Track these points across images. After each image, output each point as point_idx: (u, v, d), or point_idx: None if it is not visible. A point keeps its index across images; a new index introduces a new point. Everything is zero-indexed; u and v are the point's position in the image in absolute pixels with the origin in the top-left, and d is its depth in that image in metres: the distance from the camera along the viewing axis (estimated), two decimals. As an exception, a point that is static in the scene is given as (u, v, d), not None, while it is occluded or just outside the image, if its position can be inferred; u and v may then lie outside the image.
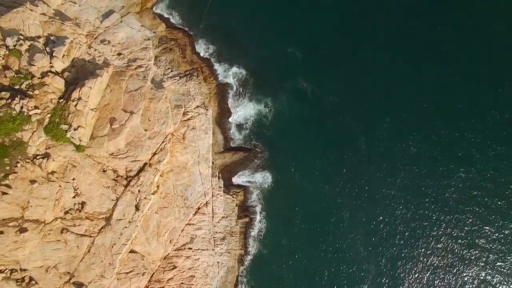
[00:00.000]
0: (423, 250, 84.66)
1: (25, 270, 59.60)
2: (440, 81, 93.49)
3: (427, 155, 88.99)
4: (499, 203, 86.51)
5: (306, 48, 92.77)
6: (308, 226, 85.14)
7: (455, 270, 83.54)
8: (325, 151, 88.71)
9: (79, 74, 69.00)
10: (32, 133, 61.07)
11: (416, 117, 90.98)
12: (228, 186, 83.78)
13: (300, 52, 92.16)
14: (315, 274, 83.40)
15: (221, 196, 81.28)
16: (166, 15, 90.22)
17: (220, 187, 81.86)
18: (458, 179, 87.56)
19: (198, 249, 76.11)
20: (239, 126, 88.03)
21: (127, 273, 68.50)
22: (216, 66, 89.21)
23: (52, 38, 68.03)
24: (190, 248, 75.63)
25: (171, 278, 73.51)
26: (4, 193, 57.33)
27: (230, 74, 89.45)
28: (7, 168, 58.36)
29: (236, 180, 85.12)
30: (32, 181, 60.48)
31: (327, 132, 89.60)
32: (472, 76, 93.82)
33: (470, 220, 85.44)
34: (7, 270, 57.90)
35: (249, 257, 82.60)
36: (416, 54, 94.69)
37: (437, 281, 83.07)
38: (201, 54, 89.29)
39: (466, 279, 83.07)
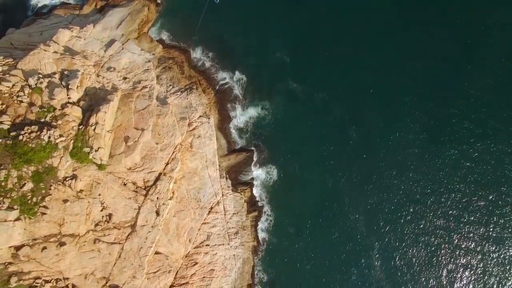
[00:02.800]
0: (421, 227, 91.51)
1: (67, 278, 65.35)
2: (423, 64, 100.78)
3: (417, 137, 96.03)
4: (497, 180, 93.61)
5: (293, 52, 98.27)
6: (312, 213, 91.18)
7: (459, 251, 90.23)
8: (321, 143, 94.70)
9: (92, 101, 74.56)
10: (60, 159, 66.61)
11: (402, 101, 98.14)
12: (236, 185, 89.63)
13: (287, 56, 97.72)
14: (323, 256, 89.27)
15: (230, 194, 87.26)
16: (161, 37, 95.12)
17: (228, 187, 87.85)
18: (451, 159, 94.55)
19: (215, 245, 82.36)
20: (240, 130, 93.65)
21: (154, 272, 74.72)
22: (213, 77, 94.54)
23: (65, 72, 73.66)
24: (207, 245, 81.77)
25: (193, 274, 79.67)
26: (43, 214, 63.14)
27: (226, 83, 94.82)
28: (43, 191, 64.10)
29: (242, 178, 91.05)
30: (65, 201, 66.27)
31: (321, 126, 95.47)
32: (465, 55, 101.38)
33: (466, 199, 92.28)
34: (53, 280, 63.85)
35: (262, 247, 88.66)
36: (397, 44, 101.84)
37: (442, 260, 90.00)
38: (198, 68, 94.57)
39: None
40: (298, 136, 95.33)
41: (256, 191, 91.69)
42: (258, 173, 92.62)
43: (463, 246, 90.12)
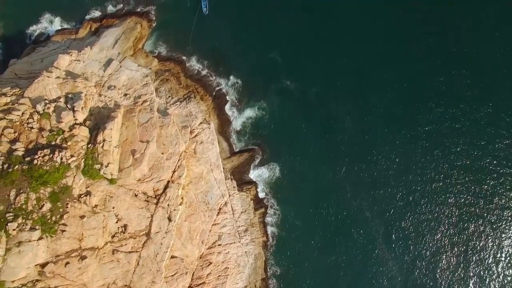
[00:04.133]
0: (422, 207, 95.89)
1: (91, 289, 70.44)
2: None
3: (411, 121, 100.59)
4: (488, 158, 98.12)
5: (284, 52, 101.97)
6: (316, 204, 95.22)
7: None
8: (318, 136, 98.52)
9: (98, 120, 77.71)
10: (74, 178, 70.09)
11: (394, 87, 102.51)
12: (241, 185, 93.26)
13: (279, 56, 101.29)
14: (331, 243, 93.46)
15: (237, 194, 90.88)
16: (156, 50, 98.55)
17: (234, 187, 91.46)
18: (445, 139, 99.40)
19: (227, 244, 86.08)
20: (240, 132, 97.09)
21: (172, 275, 78.43)
22: (209, 84, 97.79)
23: (70, 95, 76.99)
24: (220, 245, 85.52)
25: (209, 273, 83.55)
26: (63, 231, 66.84)
27: (222, 88, 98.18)
28: (61, 210, 67.73)
29: (246, 178, 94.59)
30: (82, 216, 69.72)
31: (317, 119, 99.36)
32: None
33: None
34: (78, 292, 68.97)
35: (272, 242, 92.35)
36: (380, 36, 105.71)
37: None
38: (194, 77, 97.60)
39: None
40: (296, 131, 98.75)
41: (260, 189, 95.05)
42: (261, 171, 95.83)
43: (466, 225, 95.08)
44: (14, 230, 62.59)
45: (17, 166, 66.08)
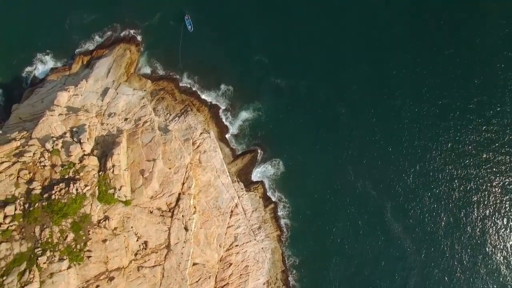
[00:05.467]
0: (424, 179, 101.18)
1: (123, 308, 73.97)
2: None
3: (403, 100, 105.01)
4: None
5: (268, 53, 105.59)
6: (323, 191, 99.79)
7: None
8: (314, 125, 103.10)
9: (104, 148, 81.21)
10: (91, 205, 73.71)
11: (382, 71, 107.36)
12: (248, 185, 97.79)
13: (265, 57, 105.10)
14: (342, 226, 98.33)
15: (245, 195, 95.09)
16: (148, 72, 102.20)
17: (242, 188, 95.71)
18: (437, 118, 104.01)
19: (243, 243, 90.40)
20: (238, 135, 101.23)
21: (197, 281, 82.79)
22: (203, 96, 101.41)
23: (74, 129, 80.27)
24: (237, 245, 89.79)
25: (231, 274, 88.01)
26: (89, 257, 70.89)
27: (216, 97, 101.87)
28: (84, 238, 71.58)
29: (252, 178, 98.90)
30: (104, 240, 73.48)
31: (311, 110, 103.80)
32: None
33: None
34: (111, 311, 72.79)
35: (286, 234, 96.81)
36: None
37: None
38: (188, 91, 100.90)
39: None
40: (292, 125, 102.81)
41: (267, 185, 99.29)
42: (265, 169, 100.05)
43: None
44: (44, 263, 66.54)
45: (37, 204, 69.79)
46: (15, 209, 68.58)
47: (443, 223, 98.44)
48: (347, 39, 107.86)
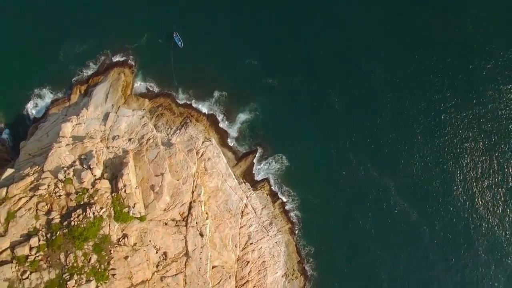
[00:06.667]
0: (420, 156, 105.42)
1: (151, 318, 78.03)
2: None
3: (393, 82, 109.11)
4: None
5: (257, 54, 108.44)
6: (327, 179, 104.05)
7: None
8: (311, 117, 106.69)
9: (113, 170, 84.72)
10: (109, 226, 77.61)
11: (363, 58, 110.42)
12: (254, 184, 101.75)
13: (254, 60, 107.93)
14: (350, 208, 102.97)
15: (253, 194, 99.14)
16: (144, 91, 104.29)
17: (249, 189, 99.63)
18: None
19: (257, 241, 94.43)
20: (239, 137, 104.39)
21: (218, 283, 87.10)
22: (199, 106, 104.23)
23: (83, 157, 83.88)
24: (251, 243, 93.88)
25: (250, 271, 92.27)
26: (113, 275, 75.14)
27: (212, 105, 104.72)
28: (106, 257, 75.65)
29: (257, 177, 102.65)
30: (126, 257, 77.41)
31: (306, 103, 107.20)
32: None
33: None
34: (141, 323, 76.70)
35: (297, 226, 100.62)
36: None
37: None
38: (184, 104, 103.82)
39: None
40: (290, 120, 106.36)
41: (273, 181, 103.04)
42: (269, 166, 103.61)
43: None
44: (73, 286, 71.04)
45: (58, 232, 73.82)
46: (39, 240, 72.70)
47: (442, 191, 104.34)
48: (330, 33, 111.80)
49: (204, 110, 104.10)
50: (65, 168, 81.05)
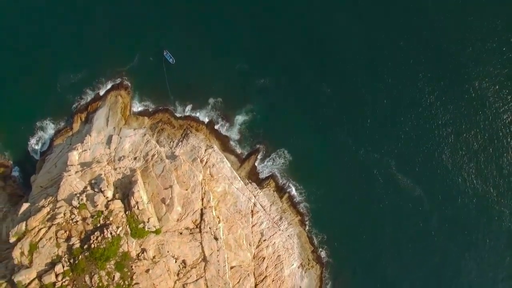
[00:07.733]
0: (418, 135, 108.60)
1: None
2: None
3: (383, 68, 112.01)
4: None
5: (246, 59, 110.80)
6: (330, 167, 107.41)
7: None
8: (307, 110, 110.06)
9: (123, 189, 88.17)
10: (127, 243, 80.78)
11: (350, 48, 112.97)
12: (260, 183, 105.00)
13: (244, 63, 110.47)
14: (355, 192, 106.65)
15: (260, 192, 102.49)
16: (142, 110, 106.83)
17: (255, 188, 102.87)
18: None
19: (270, 236, 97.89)
20: (240, 140, 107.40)
21: (238, 282, 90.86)
22: (197, 115, 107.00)
23: (93, 181, 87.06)
24: (264, 240, 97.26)
25: (266, 267, 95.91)
26: None
27: (209, 113, 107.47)
28: (129, 273, 79.22)
29: (262, 175, 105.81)
30: (147, 270, 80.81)
31: (300, 98, 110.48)
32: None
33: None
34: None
35: (307, 217, 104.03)
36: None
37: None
38: (183, 116, 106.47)
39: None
40: (287, 115, 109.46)
41: (278, 177, 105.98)
42: (272, 162, 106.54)
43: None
44: (102, 305, 74.46)
45: (80, 256, 77.25)
46: (63, 266, 76.46)
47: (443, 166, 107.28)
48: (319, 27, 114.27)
49: (202, 118, 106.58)
50: (78, 195, 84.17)
